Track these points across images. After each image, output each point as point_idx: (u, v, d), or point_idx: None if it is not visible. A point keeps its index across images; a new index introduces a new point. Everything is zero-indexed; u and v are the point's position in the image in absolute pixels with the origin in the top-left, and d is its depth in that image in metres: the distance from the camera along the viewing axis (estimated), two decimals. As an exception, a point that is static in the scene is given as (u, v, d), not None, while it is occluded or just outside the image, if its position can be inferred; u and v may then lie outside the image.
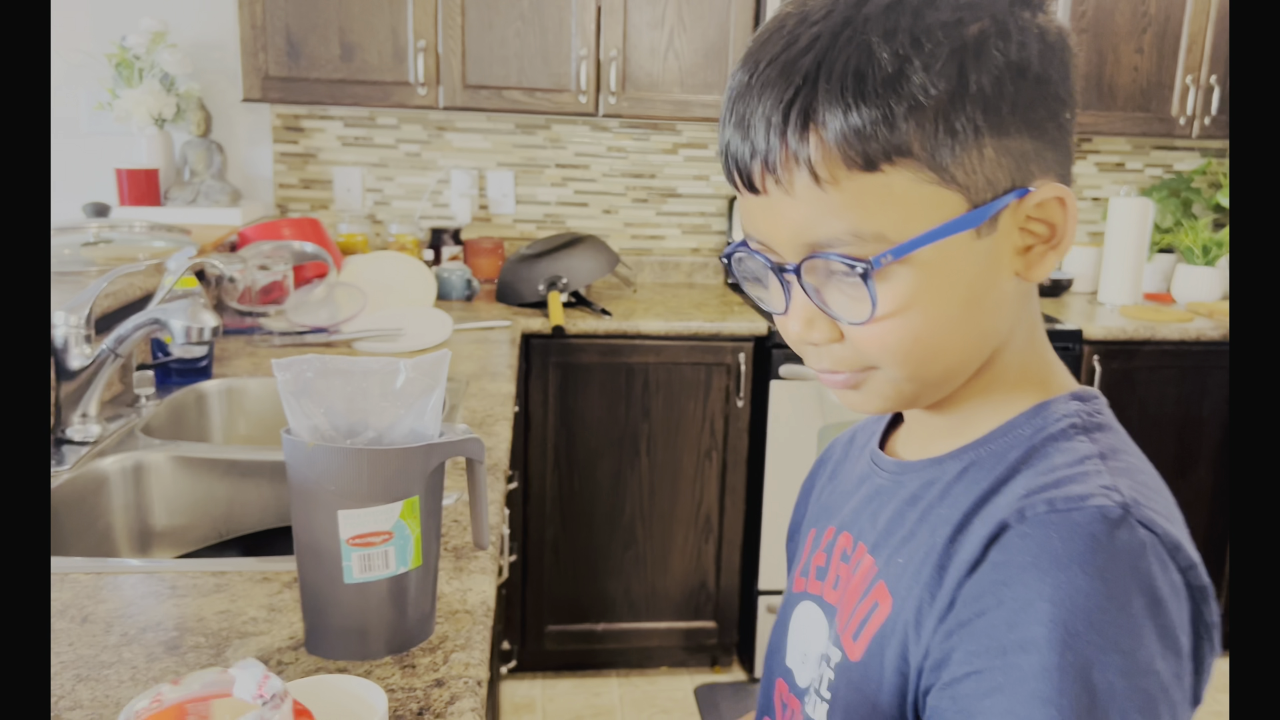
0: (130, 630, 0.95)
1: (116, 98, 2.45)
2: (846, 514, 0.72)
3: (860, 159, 0.56)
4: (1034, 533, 0.55)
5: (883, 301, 0.59)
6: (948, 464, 0.65)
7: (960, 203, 0.57)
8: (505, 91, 2.51)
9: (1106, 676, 0.52)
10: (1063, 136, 0.60)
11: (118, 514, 1.35)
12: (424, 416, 0.91)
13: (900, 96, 0.55)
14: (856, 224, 0.57)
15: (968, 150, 0.56)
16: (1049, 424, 0.62)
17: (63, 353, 1.35)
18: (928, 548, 0.61)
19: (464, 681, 0.88)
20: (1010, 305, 0.62)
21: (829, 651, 0.67)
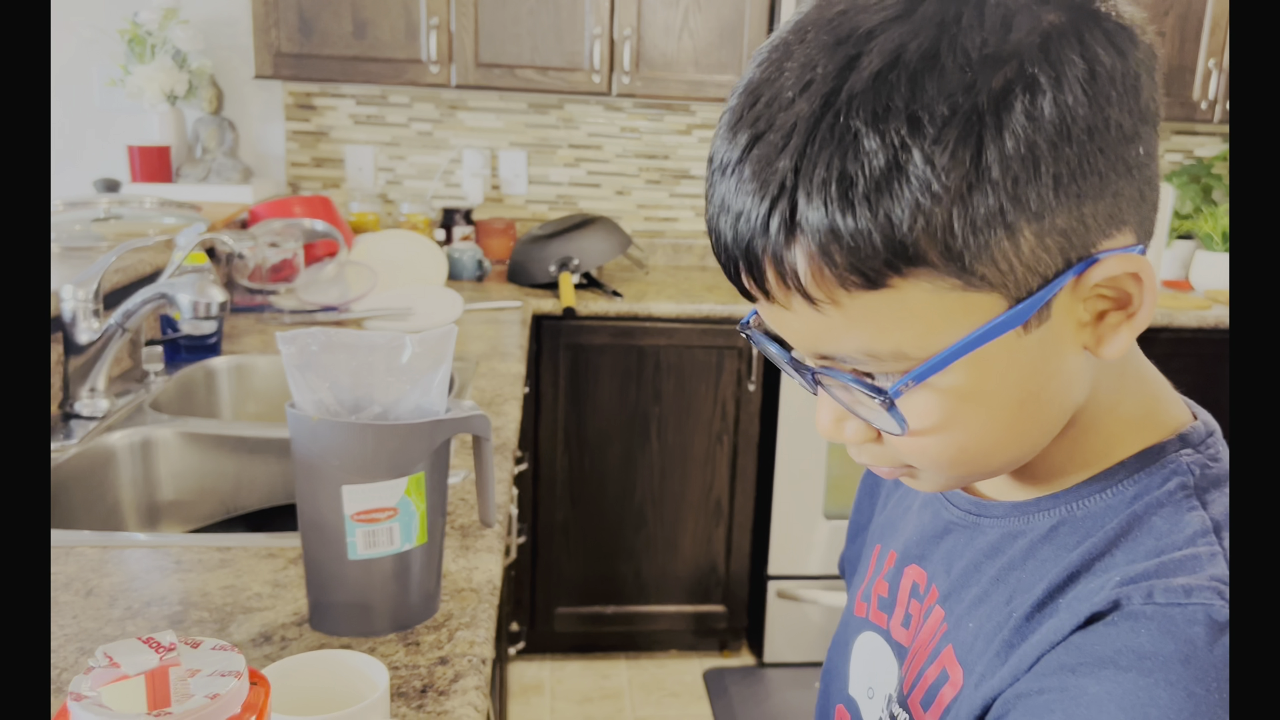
0: (134, 604, 0.95)
1: (129, 74, 2.44)
2: (912, 542, 0.67)
3: (859, 278, 0.46)
4: (1123, 624, 0.48)
5: (915, 419, 0.51)
6: (1034, 516, 0.57)
7: (997, 302, 0.48)
8: (518, 70, 2.49)
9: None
10: (1136, 174, 0.49)
11: (125, 489, 1.35)
12: (430, 392, 0.90)
13: (899, 199, 0.44)
14: (868, 344, 0.49)
15: (996, 245, 0.46)
16: (1154, 485, 0.54)
17: (71, 327, 1.35)
18: (1002, 617, 0.55)
19: (468, 660, 0.87)
20: (1083, 378, 0.53)
21: (896, 710, 0.63)
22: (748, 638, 2.68)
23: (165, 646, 0.47)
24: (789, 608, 2.55)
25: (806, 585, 2.54)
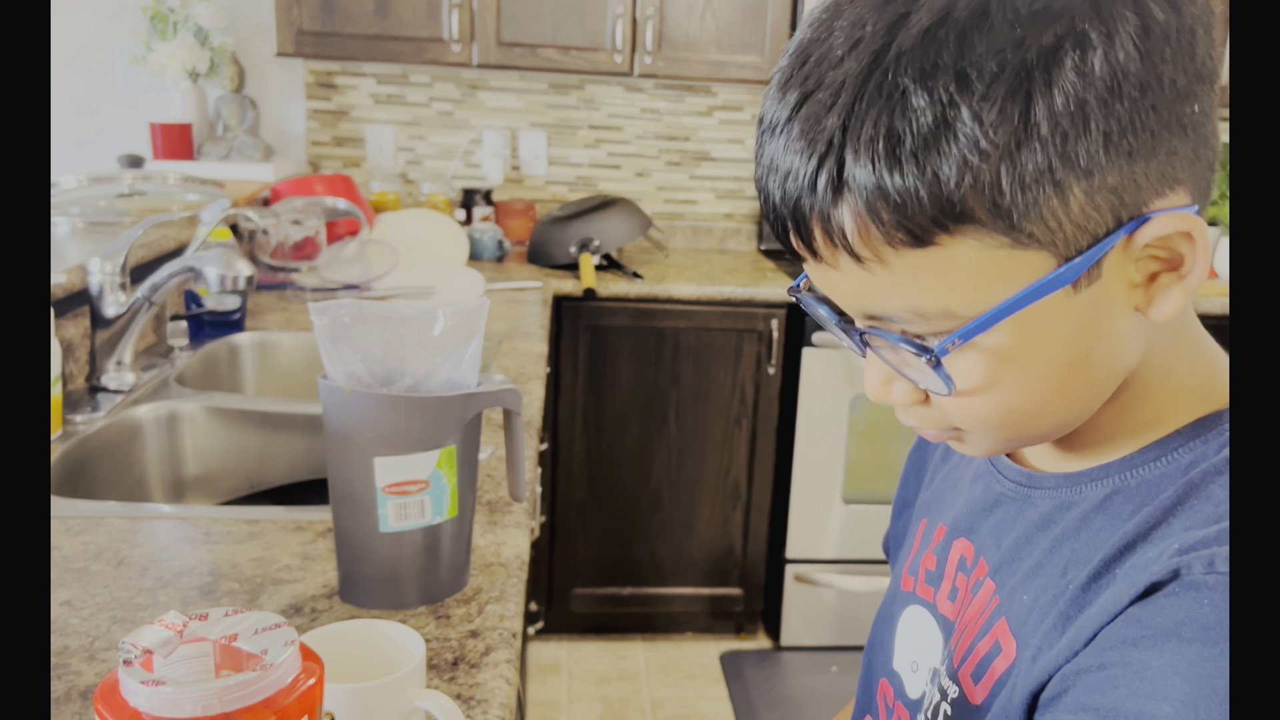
0: (165, 574, 0.95)
1: (151, 51, 2.44)
2: (961, 516, 0.66)
3: (906, 236, 0.46)
4: (1185, 595, 0.47)
5: (962, 379, 0.51)
6: (1086, 487, 0.57)
7: (1046, 260, 0.47)
8: (540, 49, 2.48)
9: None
10: (1191, 133, 0.48)
11: (151, 462, 1.35)
12: (461, 366, 0.90)
13: (946, 156, 0.44)
14: (916, 302, 0.49)
15: (1045, 202, 0.46)
16: (1210, 452, 0.53)
17: (98, 300, 1.35)
18: (1058, 589, 0.55)
19: (499, 633, 0.87)
20: (1135, 341, 0.53)
21: (945, 683, 0.62)
22: (764, 621, 2.68)
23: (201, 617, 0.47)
24: (806, 591, 2.54)
25: (824, 569, 2.53)
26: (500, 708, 0.77)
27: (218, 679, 0.43)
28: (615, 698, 2.38)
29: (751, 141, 2.92)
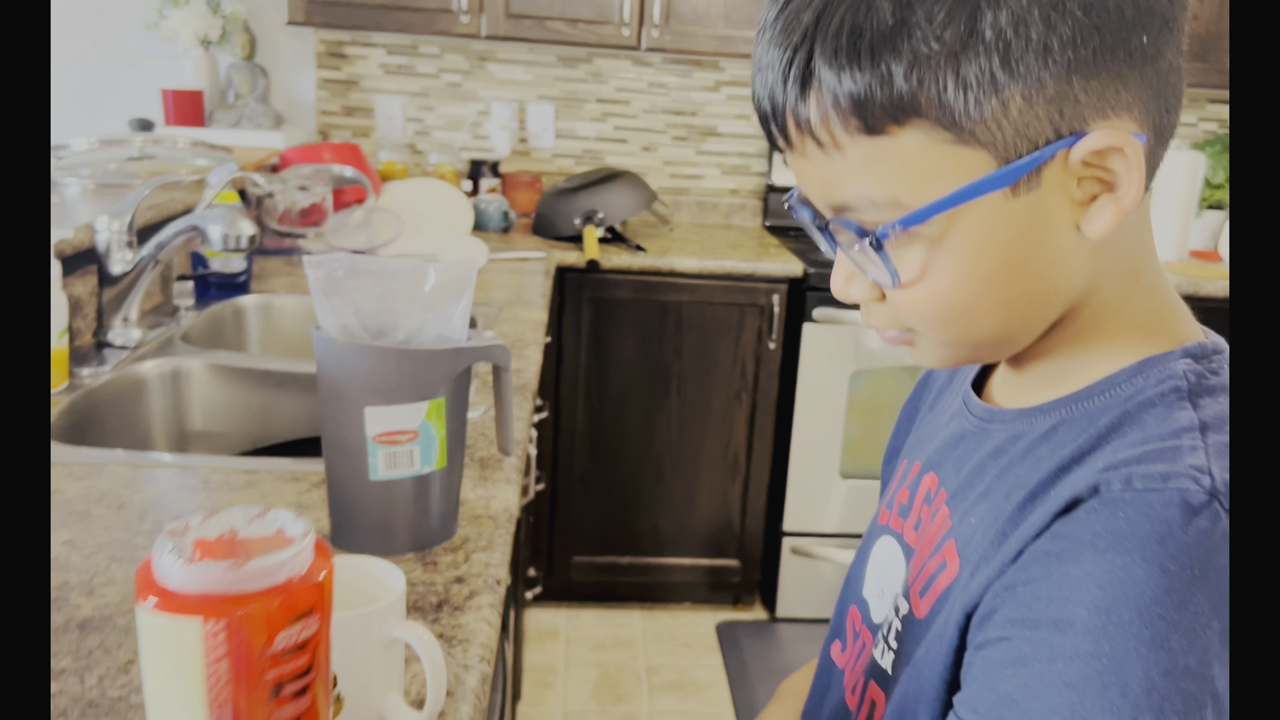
0: (163, 518, 0.98)
1: (163, 18, 2.46)
2: (935, 452, 0.70)
3: (861, 124, 0.51)
4: (1103, 510, 0.51)
5: (906, 269, 0.55)
6: (1037, 419, 0.60)
7: (987, 160, 0.52)
8: (548, 21, 2.50)
9: (1146, 673, 0.47)
10: (1140, 64, 0.52)
11: (156, 417, 1.39)
12: (451, 321, 0.93)
13: (899, 52, 0.49)
14: (869, 190, 0.53)
15: (987, 104, 0.50)
16: (1149, 385, 0.56)
17: (105, 257, 1.38)
18: (1000, 511, 0.58)
19: (483, 579, 0.90)
20: (1079, 259, 0.55)
21: (899, 603, 0.66)
22: (761, 593, 2.71)
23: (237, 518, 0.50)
24: (803, 564, 2.57)
25: (821, 543, 2.56)
26: (481, 647, 0.80)
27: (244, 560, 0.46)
28: (611, 664, 2.42)
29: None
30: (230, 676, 0.46)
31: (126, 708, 0.70)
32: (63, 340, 1.26)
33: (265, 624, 0.46)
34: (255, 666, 0.47)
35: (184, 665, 0.46)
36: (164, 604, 0.45)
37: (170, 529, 0.48)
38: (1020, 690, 0.50)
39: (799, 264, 2.44)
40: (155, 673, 0.46)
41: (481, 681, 0.77)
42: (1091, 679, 0.48)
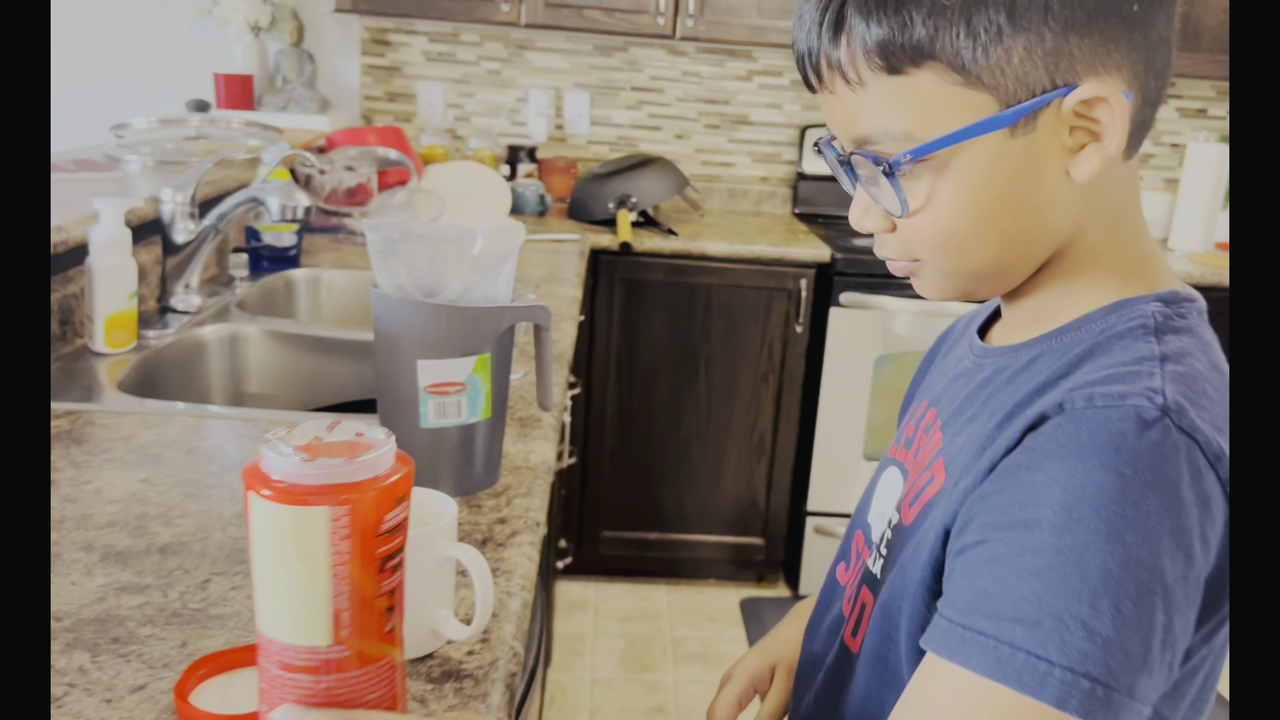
0: (229, 462, 1.06)
1: (216, 4, 2.55)
2: (938, 390, 0.76)
3: (884, 63, 0.59)
4: (1066, 424, 0.57)
5: (914, 198, 0.62)
6: (1021, 352, 0.67)
7: (990, 103, 0.59)
8: (585, 10, 2.57)
9: (1103, 562, 0.53)
10: (1130, 29, 0.59)
11: (214, 378, 1.47)
12: (497, 283, 1.00)
13: (920, 4, 0.57)
14: (887, 124, 0.61)
15: (992, 51, 0.57)
16: (1120, 322, 0.63)
17: (169, 227, 1.47)
18: (981, 431, 0.64)
19: (524, 520, 0.97)
20: (1067, 202, 0.62)
21: (891, 515, 0.73)
22: (784, 571, 2.78)
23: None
24: (826, 543, 2.63)
25: (843, 522, 2.62)
26: (522, 578, 0.88)
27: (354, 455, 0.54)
28: (638, 635, 2.49)
29: (789, 106, 2.99)
30: (349, 554, 0.54)
31: (206, 618, 0.78)
32: (132, 303, 1.35)
33: (375, 508, 0.54)
34: (369, 544, 0.55)
35: (312, 549, 0.54)
36: (289, 497, 0.53)
37: (268, 439, 0.55)
38: (994, 583, 0.55)
39: (827, 249, 2.50)
40: (281, 559, 0.54)
41: (523, 606, 0.85)
42: (1055, 569, 0.53)
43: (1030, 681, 0.53)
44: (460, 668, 0.75)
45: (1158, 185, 3.10)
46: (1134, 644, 0.53)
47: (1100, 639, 0.52)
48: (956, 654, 0.56)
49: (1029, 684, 0.53)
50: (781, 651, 0.94)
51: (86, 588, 0.81)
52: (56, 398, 1.19)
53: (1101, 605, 0.52)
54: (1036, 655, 0.53)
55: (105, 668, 0.71)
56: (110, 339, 1.33)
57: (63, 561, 0.84)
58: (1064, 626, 0.53)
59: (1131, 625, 0.53)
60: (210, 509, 0.95)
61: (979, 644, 0.55)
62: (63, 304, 1.34)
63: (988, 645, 0.54)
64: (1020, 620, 0.53)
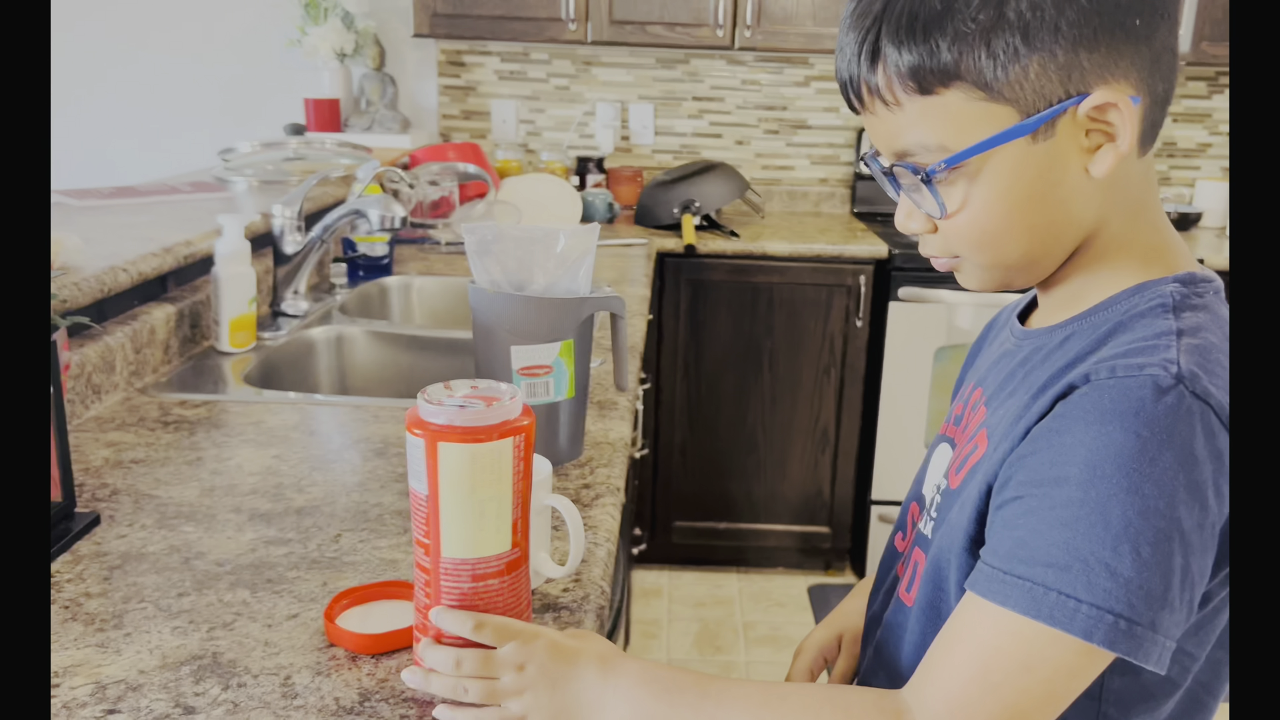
0: (346, 441, 1.21)
1: (305, 35, 2.75)
2: (984, 371, 0.83)
3: (916, 86, 0.67)
4: (1092, 393, 0.64)
5: (951, 201, 0.70)
6: (1055, 333, 0.74)
7: (1012, 115, 0.66)
8: (648, 26, 2.70)
9: (1124, 512, 0.60)
10: (1135, 41, 0.66)
11: (323, 374, 1.63)
12: (577, 277, 1.13)
13: (945, 32, 0.65)
14: (923, 138, 0.68)
15: (1011, 70, 0.64)
16: (1142, 302, 0.69)
17: (279, 240, 1.63)
18: (1020, 403, 0.70)
19: (606, 486, 1.10)
20: (1089, 196, 0.69)
21: (941, 482, 0.80)
22: (850, 558, 2.87)
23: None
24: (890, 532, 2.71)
25: (908, 511, 2.70)
26: (606, 532, 1.01)
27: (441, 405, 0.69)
28: (711, 619, 2.61)
29: (846, 110, 3.09)
30: (522, 474, 0.71)
31: (341, 564, 0.92)
32: (251, 307, 1.51)
33: (529, 436, 0.71)
34: (529, 465, 0.71)
35: (502, 473, 0.70)
36: (483, 435, 0.68)
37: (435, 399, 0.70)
38: (1029, 533, 0.63)
39: (884, 246, 2.59)
40: (476, 488, 0.69)
41: (608, 555, 0.97)
42: (1081, 518, 0.61)
43: (1061, 617, 0.61)
44: (557, 601, 0.88)
45: (1215, 174, 3.13)
46: (1154, 583, 0.60)
47: (1122, 579, 0.60)
48: (997, 595, 0.64)
49: (1060, 619, 0.61)
50: (846, 623, 1.03)
51: (240, 541, 0.96)
52: (193, 391, 1.35)
53: (1123, 550, 0.60)
54: (1066, 594, 0.61)
55: (264, 601, 0.85)
56: (234, 339, 1.49)
57: (217, 521, 0.99)
58: (1090, 569, 0.60)
59: (1151, 567, 0.60)
60: (335, 479, 1.10)
61: (1017, 586, 0.63)
62: (192, 309, 1.51)
63: (1024, 587, 0.62)
64: (1052, 564, 0.61)
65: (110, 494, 1.04)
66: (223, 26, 2.95)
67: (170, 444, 1.18)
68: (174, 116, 3.01)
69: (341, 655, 0.78)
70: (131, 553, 0.92)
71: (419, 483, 0.71)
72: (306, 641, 0.80)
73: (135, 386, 1.36)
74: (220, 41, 2.96)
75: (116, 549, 0.93)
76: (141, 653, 0.77)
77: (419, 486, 0.71)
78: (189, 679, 0.74)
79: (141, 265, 1.39)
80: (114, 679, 0.74)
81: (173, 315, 1.45)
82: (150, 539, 0.95)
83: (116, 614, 0.82)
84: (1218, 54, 2.71)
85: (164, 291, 1.52)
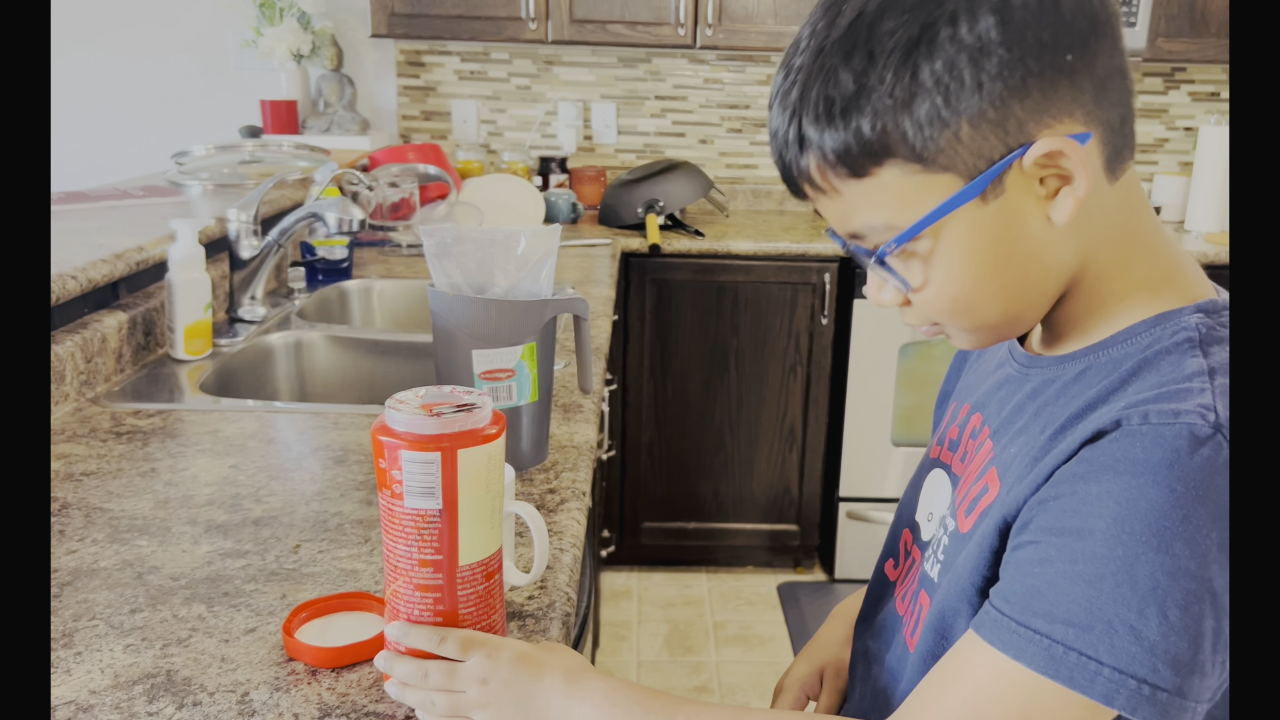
0: (305, 449, 1.19)
1: (260, 35, 2.71)
2: (981, 395, 0.79)
3: (848, 170, 0.63)
4: (1123, 440, 0.59)
5: (913, 277, 0.66)
6: (1069, 364, 0.69)
7: (955, 181, 0.62)
8: (609, 25, 2.69)
9: (1152, 573, 0.56)
10: (1071, 76, 0.61)
11: (281, 381, 1.60)
12: (539, 279, 1.12)
13: (864, 111, 0.60)
14: (869, 219, 0.65)
15: (940, 136, 0.60)
16: (1165, 336, 0.64)
17: (235, 244, 1.60)
18: (1034, 441, 0.66)
19: (571, 490, 1.09)
20: (1061, 242, 0.65)
21: (947, 520, 0.75)
22: (819, 556, 2.87)
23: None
24: (858, 528, 2.73)
25: (875, 507, 2.71)
26: (572, 537, 0.99)
27: (444, 415, 0.68)
28: (681, 620, 2.60)
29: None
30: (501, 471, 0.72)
31: (300, 575, 0.90)
32: (207, 313, 1.48)
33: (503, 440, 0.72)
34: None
35: (498, 471, 0.71)
36: (487, 437, 0.69)
37: (394, 397, 0.70)
38: (1046, 585, 0.59)
39: (849, 244, 2.60)
40: (489, 486, 0.70)
41: (573, 561, 0.96)
42: (1107, 577, 0.57)
43: (1081, 679, 0.58)
44: (522, 609, 0.86)
45: (1173, 169, 3.16)
46: (1181, 648, 0.57)
47: (1147, 643, 0.57)
48: (1010, 647, 0.60)
49: (1080, 682, 0.58)
50: (827, 655, 1.00)
51: (195, 554, 0.93)
52: (147, 400, 1.32)
53: (1149, 612, 0.56)
54: (1088, 656, 0.57)
55: (220, 616, 0.83)
56: (189, 347, 1.46)
57: (172, 534, 0.97)
58: (1113, 631, 0.57)
59: (1179, 631, 0.56)
60: (294, 488, 1.08)
61: (1033, 641, 0.59)
62: (145, 317, 1.48)
63: (1041, 643, 0.59)
64: (1073, 623, 0.58)
65: (60, 508, 1.02)
66: (175, 27, 2.90)
67: (123, 455, 1.15)
68: (125, 119, 2.96)
69: (301, 670, 0.76)
70: (82, 569, 0.90)
71: (428, 499, 0.68)
72: (265, 656, 0.78)
73: (86, 396, 1.32)
74: (173, 42, 2.91)
75: (66, 565, 0.90)
76: (93, 672, 0.75)
77: (427, 503, 0.68)
78: (142, 698, 0.72)
79: (91, 272, 1.36)
80: (64, 700, 0.72)
81: (125, 323, 1.42)
82: (102, 554, 0.92)
83: (66, 632, 0.80)
84: (1174, 50, 2.74)
85: (115, 299, 1.48)
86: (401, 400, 0.70)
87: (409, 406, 0.69)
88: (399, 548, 0.70)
